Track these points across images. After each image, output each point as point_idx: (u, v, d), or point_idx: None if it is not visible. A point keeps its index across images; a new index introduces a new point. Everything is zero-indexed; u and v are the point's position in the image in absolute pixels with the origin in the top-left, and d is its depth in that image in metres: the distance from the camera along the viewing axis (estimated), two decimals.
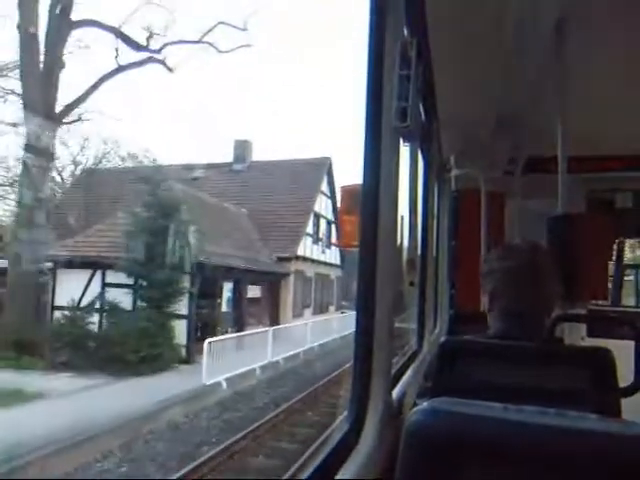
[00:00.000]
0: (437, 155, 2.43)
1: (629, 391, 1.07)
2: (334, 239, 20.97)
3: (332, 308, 20.71)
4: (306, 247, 17.21)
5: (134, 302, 10.31)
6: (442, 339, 1.06)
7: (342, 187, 1.20)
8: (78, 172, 19.27)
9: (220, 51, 16.10)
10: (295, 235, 16.35)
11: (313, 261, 17.96)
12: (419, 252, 2.06)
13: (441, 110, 2.01)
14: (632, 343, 1.09)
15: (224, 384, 8.09)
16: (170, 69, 15.52)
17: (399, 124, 0.95)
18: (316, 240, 18.66)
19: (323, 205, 19.43)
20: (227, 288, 12.95)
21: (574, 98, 1.43)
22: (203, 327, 11.14)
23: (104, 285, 10.74)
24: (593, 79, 1.65)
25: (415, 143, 1.29)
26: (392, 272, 0.98)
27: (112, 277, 10.48)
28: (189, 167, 19.09)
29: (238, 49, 16.39)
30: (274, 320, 14.77)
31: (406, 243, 1.56)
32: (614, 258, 3.85)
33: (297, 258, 16.21)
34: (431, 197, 2.31)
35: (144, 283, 10.05)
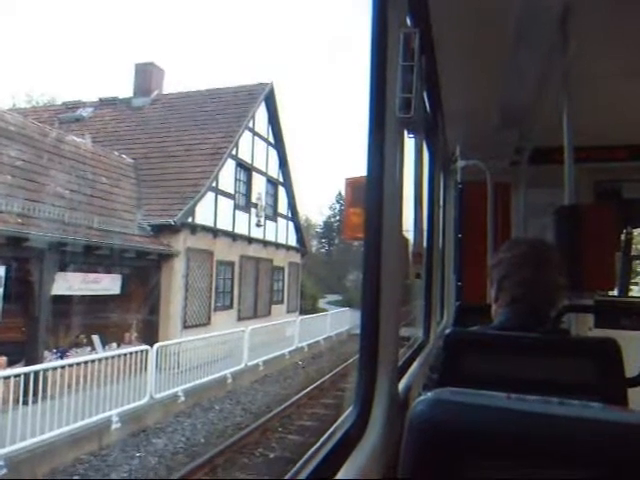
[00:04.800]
0: (442, 146, 3.39)
1: (636, 381, 1.62)
2: (285, 209, 22.01)
3: (281, 309, 21.15)
4: (219, 212, 16.89)
5: None
6: (447, 331, 1.62)
7: (347, 179, 1.73)
8: None
9: None
10: (190, 191, 15.64)
11: (236, 237, 17.85)
12: (425, 244, 2.76)
13: (446, 101, 2.79)
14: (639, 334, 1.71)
15: None
16: None
17: (403, 115, 1.50)
18: (245, 206, 18.68)
19: (260, 153, 19.84)
20: None
21: (580, 88, 2.15)
22: None
23: None
24: (599, 69, 2.41)
25: (420, 134, 1.88)
26: (397, 264, 1.54)
27: None
28: (73, 105, 20.81)
29: None
30: (149, 334, 13.80)
31: (412, 235, 2.19)
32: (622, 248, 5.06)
33: (193, 228, 15.58)
34: (437, 189, 3.20)
35: None
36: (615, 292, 4.78)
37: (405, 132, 1.66)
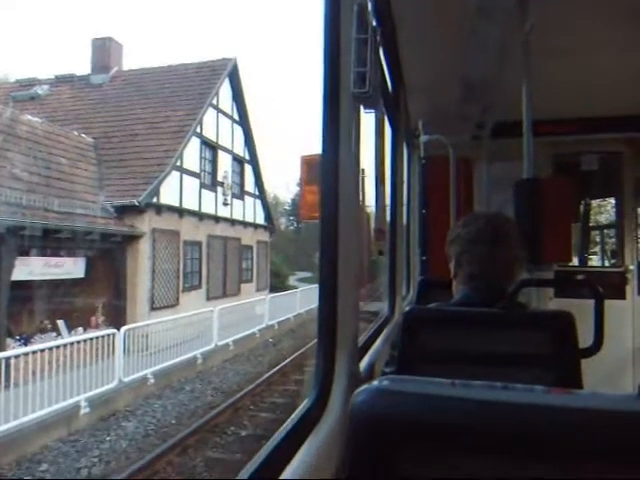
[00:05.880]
0: (405, 121, 3.39)
1: (589, 352, 1.66)
2: (252, 187, 22.11)
3: (250, 287, 21.18)
4: (184, 192, 16.83)
5: None
6: (406, 308, 1.63)
7: (302, 157, 1.69)
8: None
9: None
10: (154, 170, 15.48)
11: (202, 217, 17.81)
12: (389, 219, 2.77)
13: (407, 75, 2.77)
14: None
15: None
16: None
17: (358, 90, 1.47)
18: (211, 184, 18.61)
19: (225, 130, 19.68)
20: None
21: (539, 61, 2.15)
22: None
23: None
24: (557, 42, 2.42)
25: (379, 109, 1.84)
26: (355, 241, 1.52)
27: None
28: (27, 82, 20.54)
29: None
30: (116, 317, 13.68)
31: (374, 211, 2.18)
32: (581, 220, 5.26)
33: (159, 209, 15.46)
34: (400, 164, 3.20)
35: None
36: (576, 262, 4.99)
37: (362, 107, 1.62)
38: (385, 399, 0.82)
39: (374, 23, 1.52)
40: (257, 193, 23.04)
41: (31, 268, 12.13)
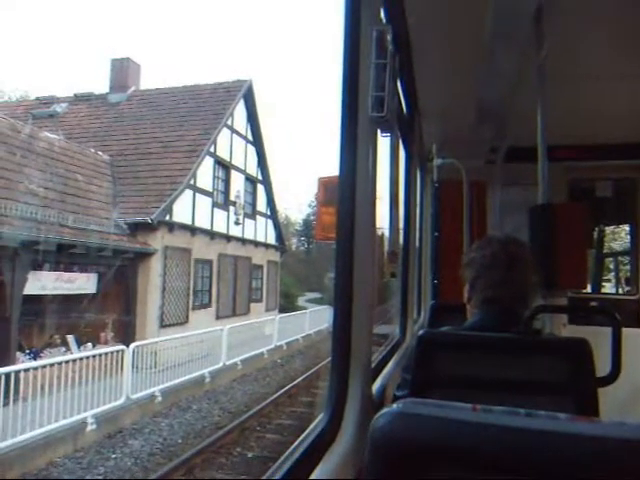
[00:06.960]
0: (419, 145, 3.43)
1: (606, 381, 1.63)
2: (264, 207, 22.28)
3: (260, 307, 21.17)
4: (197, 210, 16.95)
5: None
6: (420, 331, 1.63)
7: (319, 178, 1.72)
8: None
9: None
10: (168, 188, 15.62)
11: (214, 235, 17.90)
12: (402, 242, 2.78)
13: (422, 99, 2.82)
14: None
15: None
16: None
17: (375, 114, 1.49)
18: (223, 203, 18.77)
19: (239, 151, 19.97)
20: None
21: (554, 87, 2.16)
22: None
23: None
24: (572, 68, 2.44)
25: (394, 133, 1.86)
26: (370, 264, 1.53)
27: None
28: (47, 100, 21.10)
29: None
30: (125, 333, 13.80)
31: (387, 234, 2.19)
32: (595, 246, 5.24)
33: (171, 227, 15.57)
34: (413, 187, 3.22)
35: None
36: (589, 289, 4.94)
37: (379, 131, 1.64)
38: (408, 423, 0.81)
39: (391, 48, 1.54)
40: (269, 213, 23.18)
41: (43, 282, 12.18)
